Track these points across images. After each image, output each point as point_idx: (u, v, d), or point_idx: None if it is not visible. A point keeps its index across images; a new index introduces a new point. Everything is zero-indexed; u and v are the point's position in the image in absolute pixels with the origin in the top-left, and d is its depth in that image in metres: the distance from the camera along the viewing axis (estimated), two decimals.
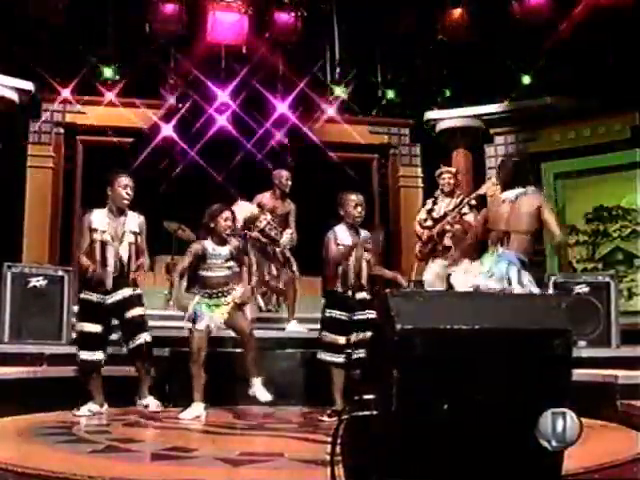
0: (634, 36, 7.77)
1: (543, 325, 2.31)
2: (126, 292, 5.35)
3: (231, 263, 5.53)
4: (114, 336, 5.53)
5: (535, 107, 9.15)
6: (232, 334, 5.68)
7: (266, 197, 7.24)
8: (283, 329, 7.00)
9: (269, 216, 6.98)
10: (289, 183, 7.22)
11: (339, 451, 2.40)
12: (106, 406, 5.33)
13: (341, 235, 5.44)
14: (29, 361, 5.81)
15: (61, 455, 3.66)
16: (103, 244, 5.33)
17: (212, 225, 5.49)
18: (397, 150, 10.22)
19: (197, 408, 5.27)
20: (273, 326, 7.08)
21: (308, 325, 6.79)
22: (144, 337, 5.32)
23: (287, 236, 7.03)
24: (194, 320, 5.39)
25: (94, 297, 5.32)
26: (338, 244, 5.41)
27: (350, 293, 5.42)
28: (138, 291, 5.46)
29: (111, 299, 5.31)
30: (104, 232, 5.35)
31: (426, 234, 7.03)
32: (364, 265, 5.49)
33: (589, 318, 6.61)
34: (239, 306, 5.53)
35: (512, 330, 2.28)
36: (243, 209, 6.82)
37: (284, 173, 7.24)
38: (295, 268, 7.12)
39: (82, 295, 5.43)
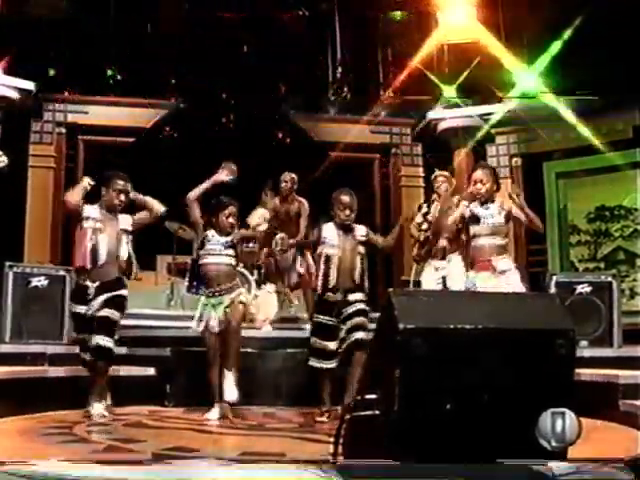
0: (636, 34, 7.74)
1: (546, 325, 2.30)
2: (106, 296, 5.00)
3: (231, 251, 5.20)
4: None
5: (537, 106, 9.12)
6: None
7: (276, 201, 7.32)
8: (292, 329, 7.04)
9: (264, 227, 6.96)
10: (289, 185, 7.31)
11: (341, 451, 2.39)
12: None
13: (327, 233, 5.22)
14: (30, 361, 5.81)
15: (62, 455, 3.64)
16: (95, 232, 5.01)
17: (213, 219, 5.23)
18: (398, 150, 10.20)
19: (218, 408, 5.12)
20: (284, 325, 7.12)
21: None
22: (98, 340, 4.93)
23: (278, 241, 7.07)
24: (200, 321, 5.22)
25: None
26: (322, 242, 5.20)
27: (339, 296, 5.19)
28: (123, 292, 5.09)
29: (92, 306, 5.02)
30: (97, 221, 5.02)
31: (422, 236, 7.07)
32: (358, 263, 5.21)
33: (591, 318, 6.61)
34: (241, 303, 5.20)
35: (515, 330, 2.27)
36: (257, 214, 6.83)
37: (282, 176, 7.33)
38: (300, 271, 7.16)
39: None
